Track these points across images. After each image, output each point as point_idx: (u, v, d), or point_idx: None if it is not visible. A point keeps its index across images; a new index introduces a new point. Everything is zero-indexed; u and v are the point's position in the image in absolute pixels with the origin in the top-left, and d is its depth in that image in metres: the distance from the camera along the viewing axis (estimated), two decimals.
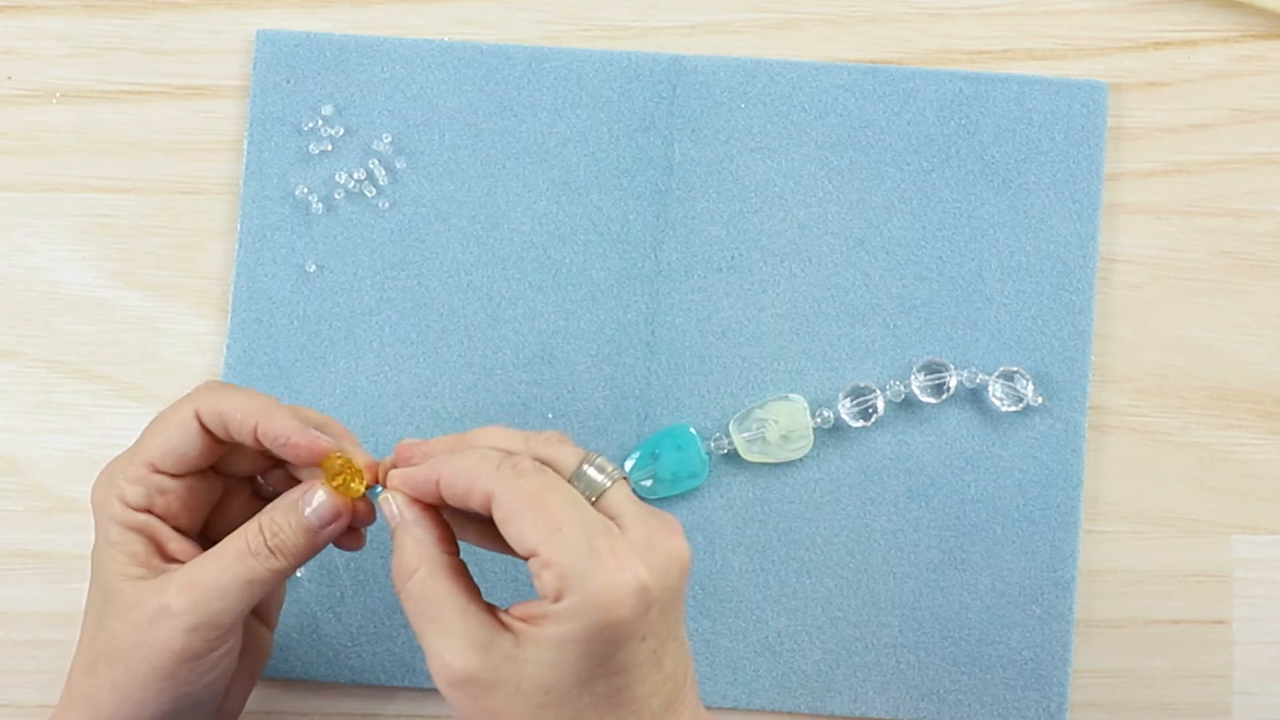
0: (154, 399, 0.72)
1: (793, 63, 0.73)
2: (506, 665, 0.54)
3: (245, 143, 0.73)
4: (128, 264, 0.73)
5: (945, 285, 0.72)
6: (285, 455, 0.59)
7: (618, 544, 0.54)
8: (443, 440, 0.58)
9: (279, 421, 0.58)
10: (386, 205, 0.72)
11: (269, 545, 0.58)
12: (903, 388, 0.71)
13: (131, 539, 0.59)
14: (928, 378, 0.71)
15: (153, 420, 0.60)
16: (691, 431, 0.70)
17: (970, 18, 0.75)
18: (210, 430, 0.59)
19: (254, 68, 0.73)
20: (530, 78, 0.73)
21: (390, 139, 0.73)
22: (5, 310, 0.73)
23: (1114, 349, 0.73)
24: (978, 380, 0.71)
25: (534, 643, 0.54)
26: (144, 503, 0.59)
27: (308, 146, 0.73)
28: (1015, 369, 0.71)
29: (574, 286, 0.72)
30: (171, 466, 0.59)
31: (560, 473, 0.56)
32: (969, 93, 0.73)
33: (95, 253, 0.73)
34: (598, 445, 0.71)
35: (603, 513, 0.55)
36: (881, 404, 0.71)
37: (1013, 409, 0.71)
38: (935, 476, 0.71)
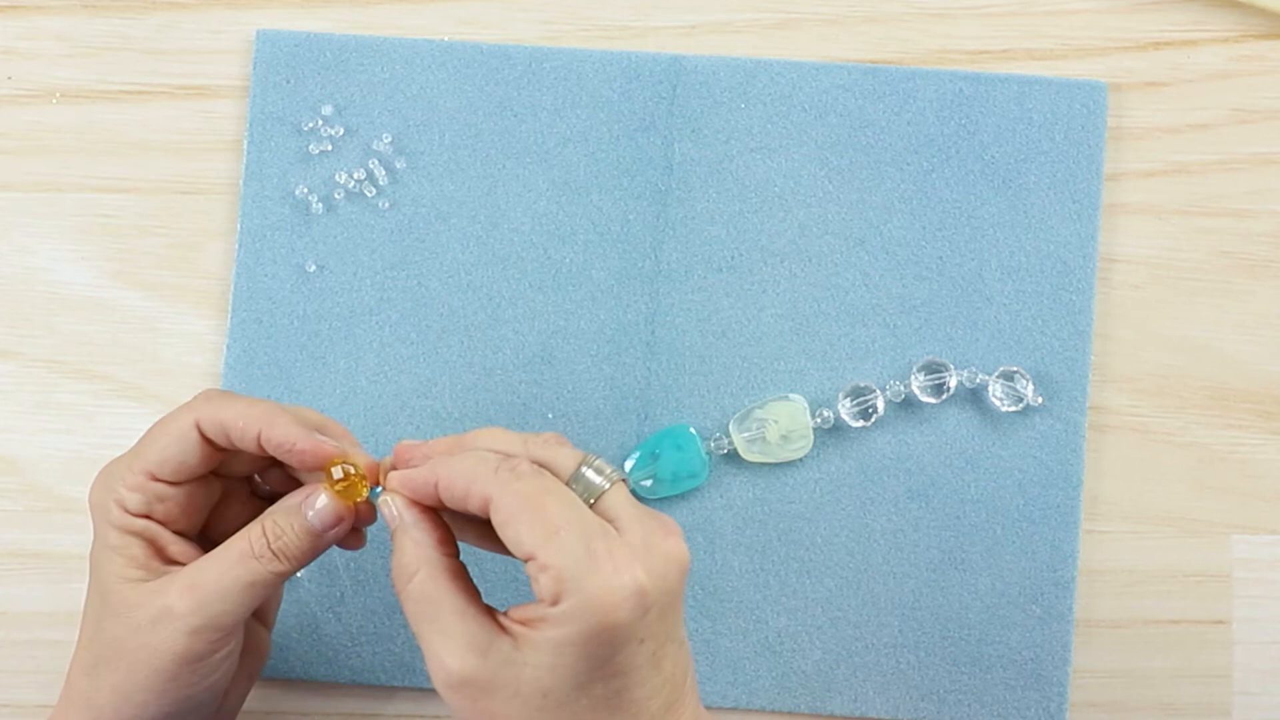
0: (154, 399, 0.72)
1: (793, 63, 0.73)
2: (505, 668, 0.54)
3: (245, 143, 0.73)
4: (128, 264, 0.73)
5: (945, 285, 0.72)
6: (290, 461, 0.59)
7: (615, 547, 0.54)
8: (442, 442, 0.58)
9: (282, 429, 0.58)
10: (386, 205, 0.72)
11: (272, 548, 0.58)
12: (903, 388, 0.71)
13: (131, 543, 0.59)
14: (928, 378, 0.71)
15: (152, 427, 0.59)
16: (691, 431, 0.70)
17: (970, 18, 0.75)
18: (210, 439, 0.59)
19: (254, 68, 0.73)
20: (530, 78, 0.73)
21: (390, 139, 0.73)
22: (5, 310, 0.73)
23: (1114, 349, 0.73)
24: (978, 380, 0.71)
25: (532, 646, 0.54)
26: (143, 509, 0.59)
27: (308, 146, 0.73)
28: (1015, 369, 0.71)
29: (574, 286, 0.72)
30: (170, 475, 0.59)
31: (558, 475, 0.56)
32: (969, 93, 0.73)
33: (95, 253, 0.73)
34: (598, 445, 0.71)
35: (601, 515, 0.55)
36: (881, 404, 0.71)
37: (1013, 409, 0.71)
38: (935, 476, 0.71)
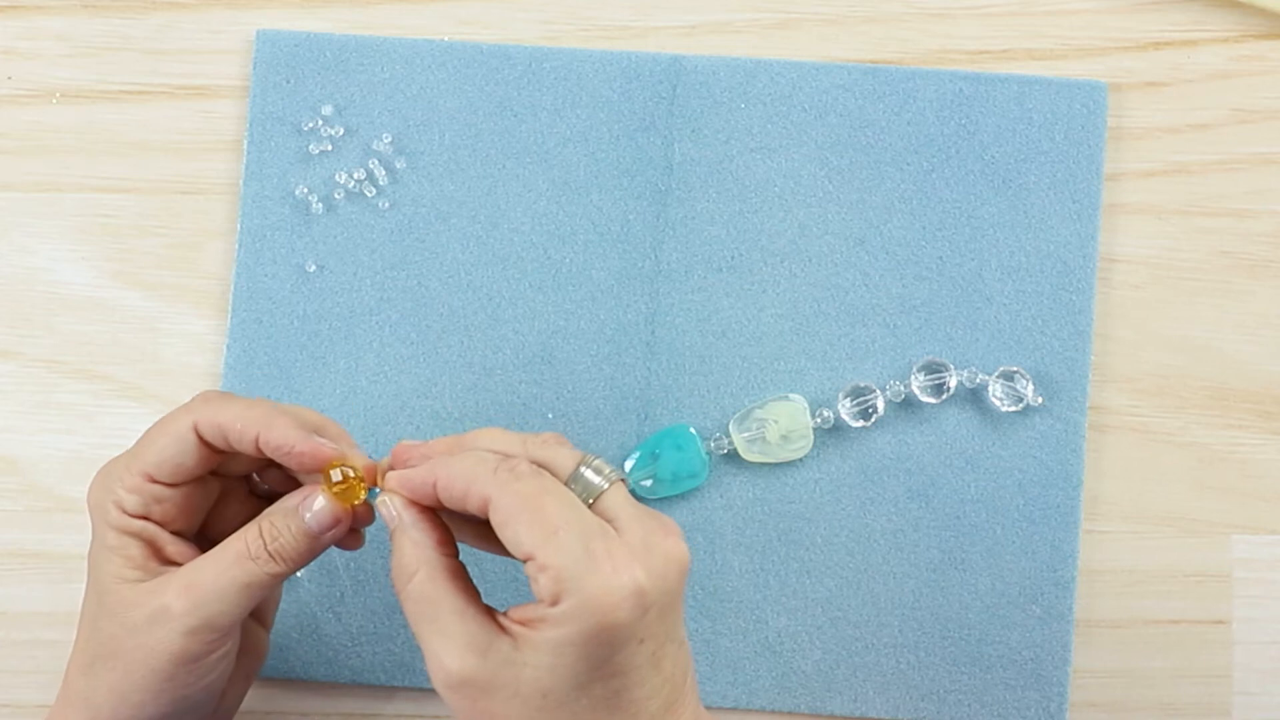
0: (154, 399, 0.72)
1: (793, 63, 0.73)
2: (504, 668, 0.54)
3: (245, 143, 0.73)
4: (128, 264, 0.73)
5: (945, 285, 0.72)
6: (288, 464, 0.59)
7: (614, 547, 0.54)
8: (441, 442, 0.58)
9: (280, 431, 0.58)
10: (386, 205, 0.72)
11: (269, 550, 0.58)
12: (903, 388, 0.71)
13: (128, 543, 0.58)
14: (928, 378, 0.71)
15: (150, 428, 0.59)
16: (691, 431, 0.70)
17: (970, 18, 0.74)
18: (208, 442, 0.58)
19: (254, 68, 0.73)
20: (530, 78, 0.73)
21: (390, 139, 0.73)
22: (5, 310, 0.73)
23: (1114, 349, 0.73)
24: (978, 380, 0.71)
25: (531, 646, 0.54)
26: (141, 510, 0.59)
27: (308, 146, 0.73)
28: (1015, 369, 0.71)
29: (574, 286, 0.72)
30: (168, 477, 0.59)
31: (557, 475, 0.56)
32: (969, 93, 0.73)
33: (95, 253, 0.73)
34: (598, 445, 0.71)
35: (600, 515, 0.55)
36: (881, 404, 0.71)
37: (1013, 409, 0.71)
38: (935, 476, 0.71)
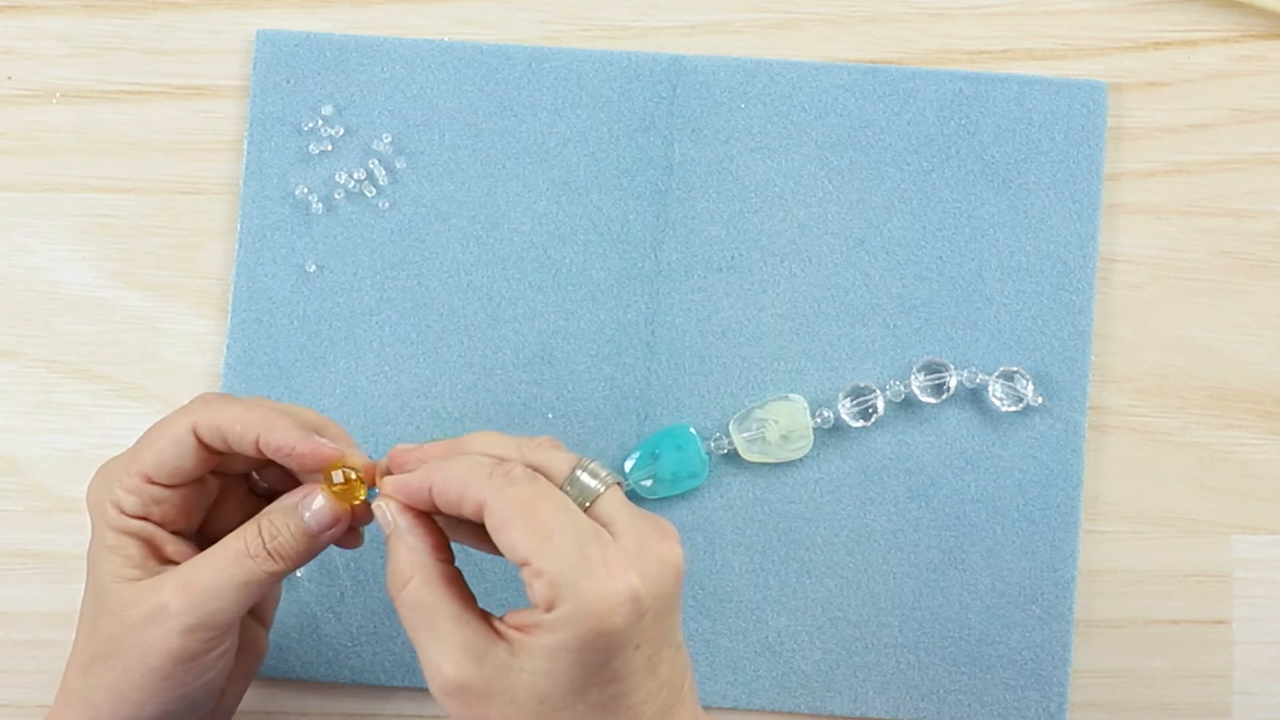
0: (154, 399, 0.72)
1: (793, 63, 0.73)
2: (501, 674, 0.54)
3: (245, 143, 0.73)
4: (128, 264, 0.73)
5: (945, 285, 0.72)
6: (289, 465, 0.59)
7: (609, 551, 0.53)
8: (436, 446, 0.58)
9: (280, 433, 0.58)
10: (386, 205, 0.72)
11: (267, 548, 0.58)
12: (903, 388, 0.71)
13: (127, 543, 0.58)
14: (928, 378, 0.71)
15: (150, 429, 0.59)
16: (691, 431, 0.70)
17: (970, 18, 0.74)
18: (207, 444, 0.58)
19: (254, 68, 0.73)
20: (530, 78, 0.73)
21: (390, 139, 0.73)
22: (5, 310, 0.73)
23: (1114, 349, 0.73)
24: (978, 380, 0.71)
25: (527, 652, 0.53)
26: (139, 511, 0.59)
27: (308, 146, 0.73)
28: (1015, 369, 0.71)
29: (574, 286, 0.72)
30: (167, 479, 0.58)
31: (553, 479, 0.56)
32: (969, 93, 0.73)
33: (95, 253, 0.73)
34: (598, 445, 0.71)
35: (595, 519, 0.55)
36: (881, 404, 0.71)
37: (1013, 409, 0.71)
38: (935, 476, 0.71)
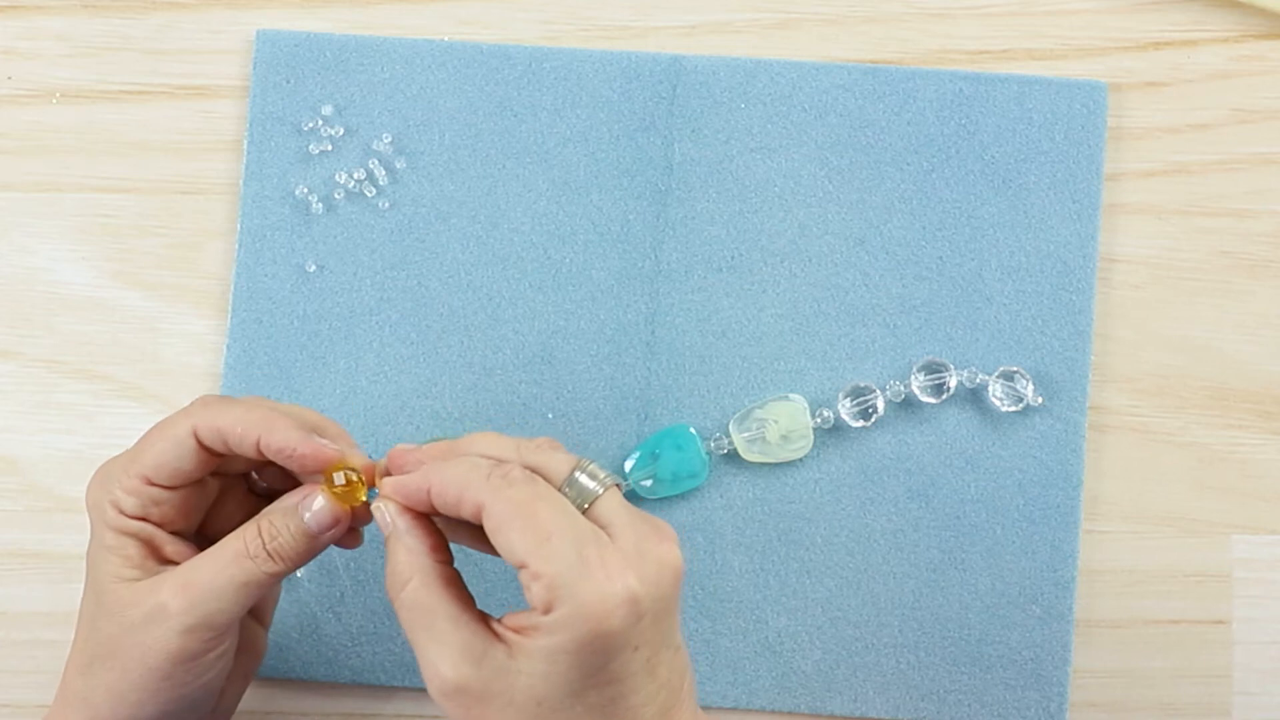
0: (154, 399, 0.72)
1: (793, 63, 0.73)
2: (499, 676, 0.54)
3: (245, 143, 0.73)
4: (128, 264, 0.73)
5: (945, 285, 0.72)
6: (289, 466, 0.59)
7: (608, 553, 0.53)
8: (435, 447, 0.58)
9: (281, 434, 0.58)
10: (386, 205, 0.72)
11: (267, 549, 0.58)
12: (903, 388, 0.71)
13: (127, 543, 0.58)
14: (928, 378, 0.71)
15: (150, 430, 0.59)
16: (691, 431, 0.70)
17: (970, 18, 0.74)
18: (207, 446, 0.58)
19: (254, 68, 0.73)
20: (530, 78, 0.73)
21: (390, 139, 0.73)
22: (5, 310, 0.73)
23: (1114, 349, 0.73)
24: (978, 380, 0.71)
25: (526, 654, 0.53)
26: (139, 512, 0.58)
27: (308, 146, 0.73)
28: (1015, 369, 0.71)
29: (574, 286, 0.72)
30: (167, 480, 0.58)
31: (551, 480, 0.56)
32: (969, 93, 0.73)
33: (95, 253, 0.73)
34: (598, 446, 0.71)
35: (594, 521, 0.55)
36: (881, 404, 0.71)
37: (1013, 409, 0.71)
38: (935, 476, 0.71)
